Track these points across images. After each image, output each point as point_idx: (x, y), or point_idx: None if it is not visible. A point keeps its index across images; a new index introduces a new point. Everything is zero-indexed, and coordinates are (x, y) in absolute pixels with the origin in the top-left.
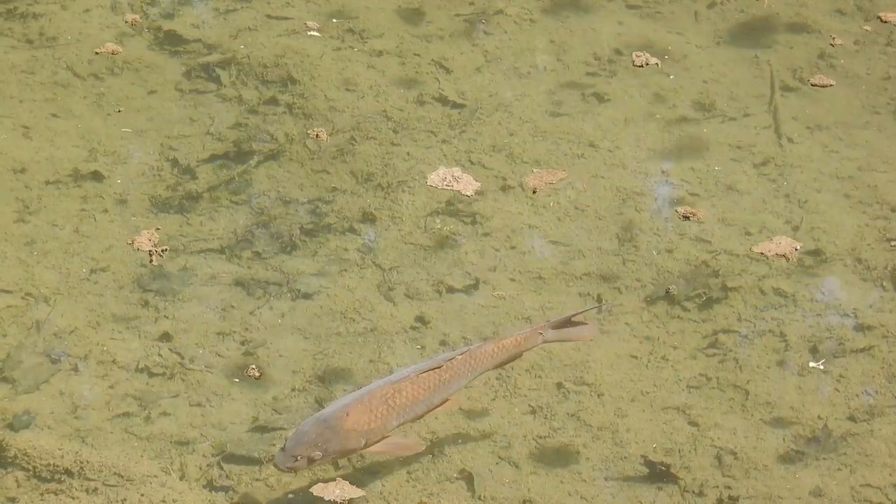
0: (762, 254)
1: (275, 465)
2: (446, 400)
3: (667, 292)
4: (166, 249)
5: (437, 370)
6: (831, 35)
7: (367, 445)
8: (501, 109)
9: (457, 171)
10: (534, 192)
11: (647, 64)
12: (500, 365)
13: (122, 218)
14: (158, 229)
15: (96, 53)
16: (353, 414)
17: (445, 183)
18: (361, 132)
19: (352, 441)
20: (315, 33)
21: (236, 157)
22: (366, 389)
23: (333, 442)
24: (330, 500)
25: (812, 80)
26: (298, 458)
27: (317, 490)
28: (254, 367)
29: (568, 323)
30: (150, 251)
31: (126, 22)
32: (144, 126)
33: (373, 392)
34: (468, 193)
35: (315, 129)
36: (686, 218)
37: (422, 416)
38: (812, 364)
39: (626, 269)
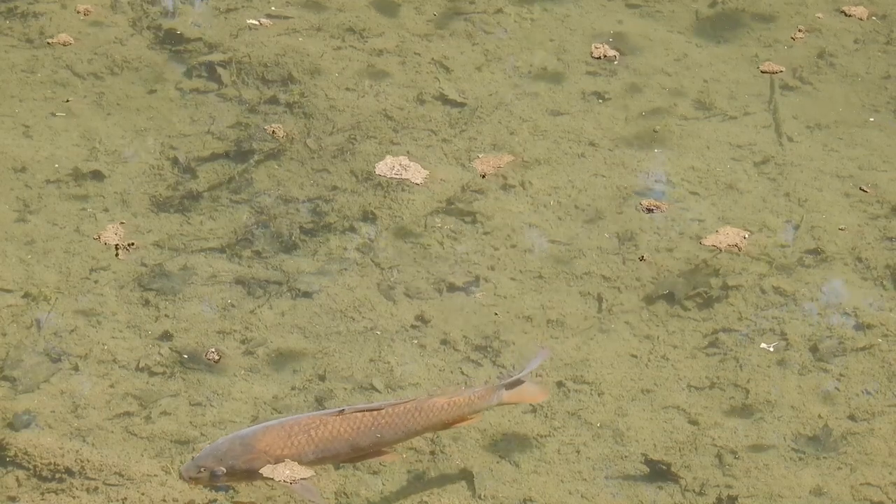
0: (714, 246)
1: (179, 474)
2: (382, 451)
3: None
4: (132, 244)
5: (373, 412)
6: (798, 27)
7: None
8: (502, 108)
9: (404, 159)
10: (483, 176)
11: (605, 56)
12: (448, 425)
13: (122, 217)
14: (123, 223)
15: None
16: (270, 437)
17: (394, 172)
18: (362, 131)
19: (259, 463)
20: (254, 21)
21: (237, 157)
22: (296, 416)
23: (241, 460)
24: (280, 481)
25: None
26: (202, 469)
27: (265, 471)
28: (213, 350)
29: (519, 382)
30: (116, 245)
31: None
32: (145, 125)
33: (299, 420)
34: (417, 182)
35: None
36: (650, 211)
37: (349, 460)
38: (763, 346)
39: (626, 268)
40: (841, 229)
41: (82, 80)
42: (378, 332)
